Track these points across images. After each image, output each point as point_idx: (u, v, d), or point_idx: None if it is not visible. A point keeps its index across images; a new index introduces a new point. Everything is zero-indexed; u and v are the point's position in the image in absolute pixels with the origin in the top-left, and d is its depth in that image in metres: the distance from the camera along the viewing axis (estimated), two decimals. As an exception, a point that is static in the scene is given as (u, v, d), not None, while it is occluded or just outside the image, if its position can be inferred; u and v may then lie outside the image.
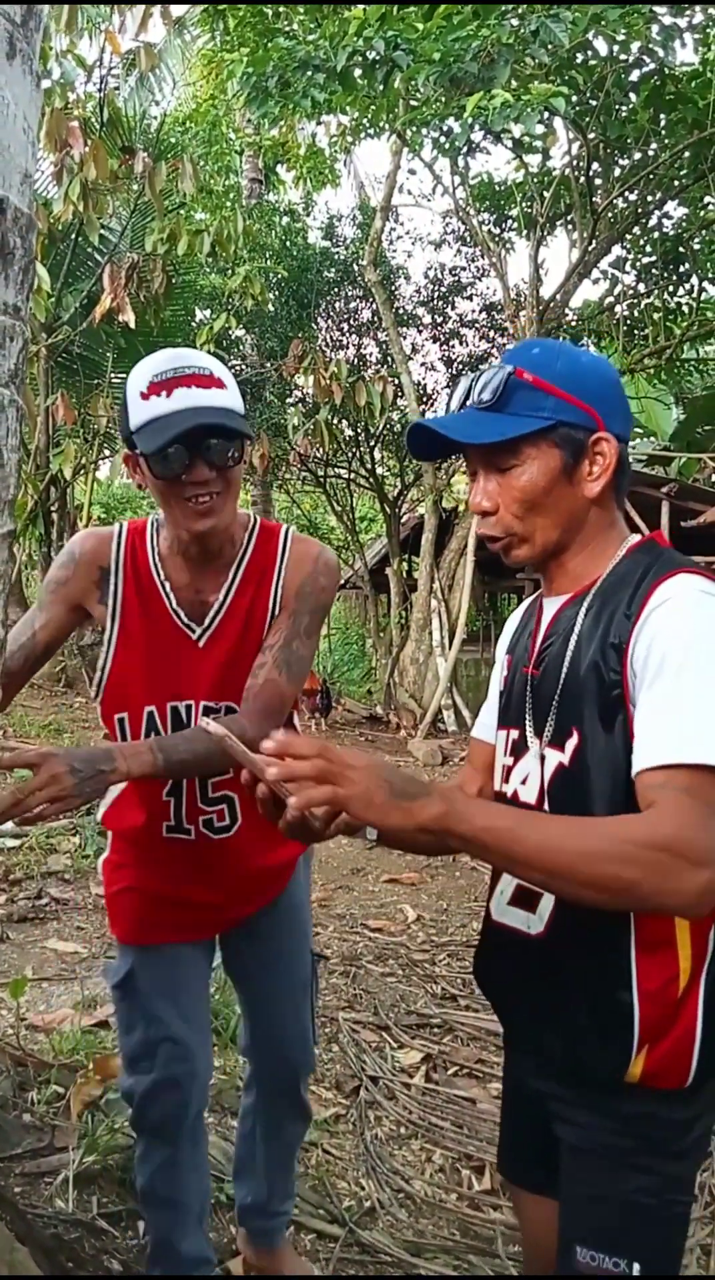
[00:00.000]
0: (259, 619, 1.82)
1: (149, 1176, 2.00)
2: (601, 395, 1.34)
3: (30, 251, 1.35)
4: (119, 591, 1.80)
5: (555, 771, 1.36)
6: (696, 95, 8.05)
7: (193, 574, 1.80)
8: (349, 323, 12.88)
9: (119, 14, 7.00)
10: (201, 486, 1.66)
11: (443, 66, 6.40)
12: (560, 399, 1.31)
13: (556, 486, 1.33)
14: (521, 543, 1.37)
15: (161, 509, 1.75)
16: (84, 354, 9.13)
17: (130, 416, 1.67)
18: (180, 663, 1.80)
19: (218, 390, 1.66)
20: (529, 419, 1.31)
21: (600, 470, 1.33)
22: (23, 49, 1.15)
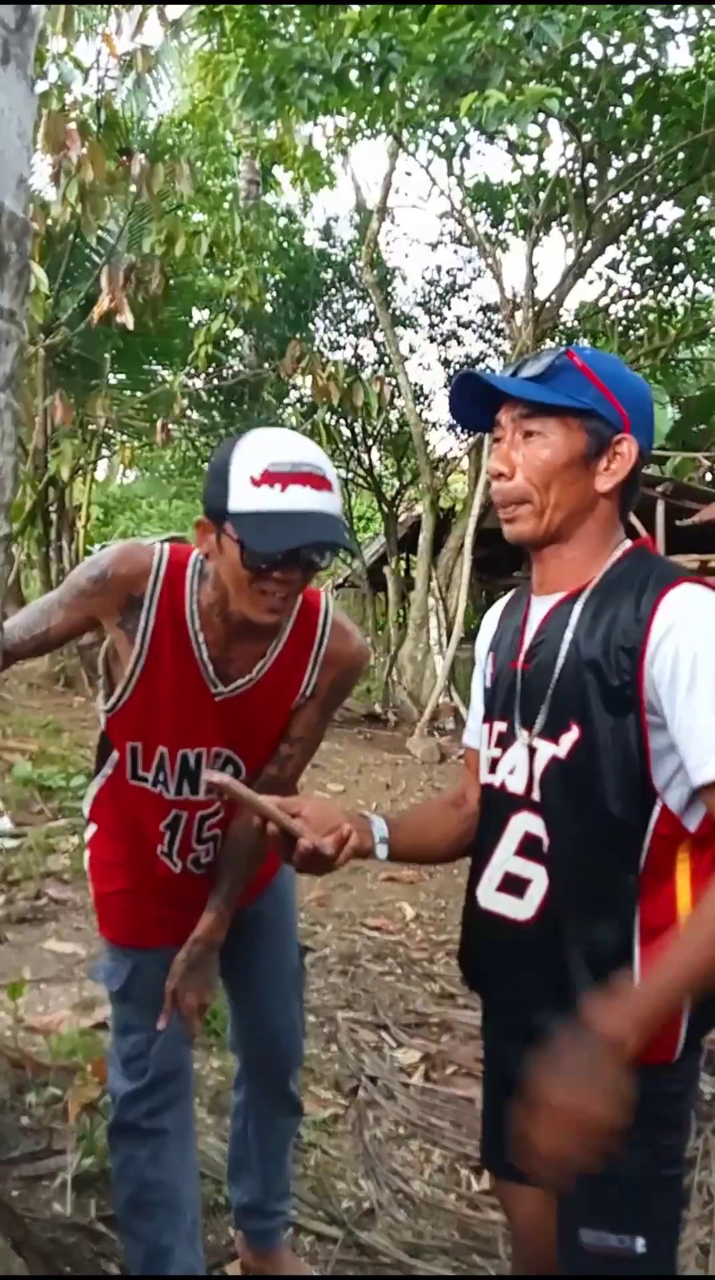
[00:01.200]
0: (288, 696, 1.83)
1: (136, 1182, 1.94)
2: (635, 405, 1.42)
3: (25, 256, 1.36)
4: (150, 628, 1.73)
5: (549, 763, 1.41)
6: (690, 97, 8.06)
7: (228, 638, 1.74)
8: (346, 324, 12.89)
9: (115, 16, 7.01)
10: (283, 587, 1.60)
11: (437, 68, 6.40)
12: (600, 392, 1.39)
13: (573, 468, 1.39)
14: (530, 515, 1.42)
15: (229, 584, 1.64)
16: (82, 355, 9.13)
17: (232, 494, 1.56)
18: (197, 712, 1.78)
19: (328, 495, 1.57)
20: (571, 397, 1.39)
21: (617, 468, 1.40)
22: (17, 54, 1.16)
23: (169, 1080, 1.93)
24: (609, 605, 1.38)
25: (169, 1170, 1.96)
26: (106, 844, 2.01)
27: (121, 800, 1.92)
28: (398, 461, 13.62)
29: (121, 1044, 1.96)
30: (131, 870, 1.96)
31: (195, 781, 1.82)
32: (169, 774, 1.81)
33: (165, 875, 1.92)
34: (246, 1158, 2.22)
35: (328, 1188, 2.61)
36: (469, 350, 12.84)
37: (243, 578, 1.60)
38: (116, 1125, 1.95)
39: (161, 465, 15.41)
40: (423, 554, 11.38)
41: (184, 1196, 1.99)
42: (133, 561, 1.74)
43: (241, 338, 12.28)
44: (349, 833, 1.41)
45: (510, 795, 1.47)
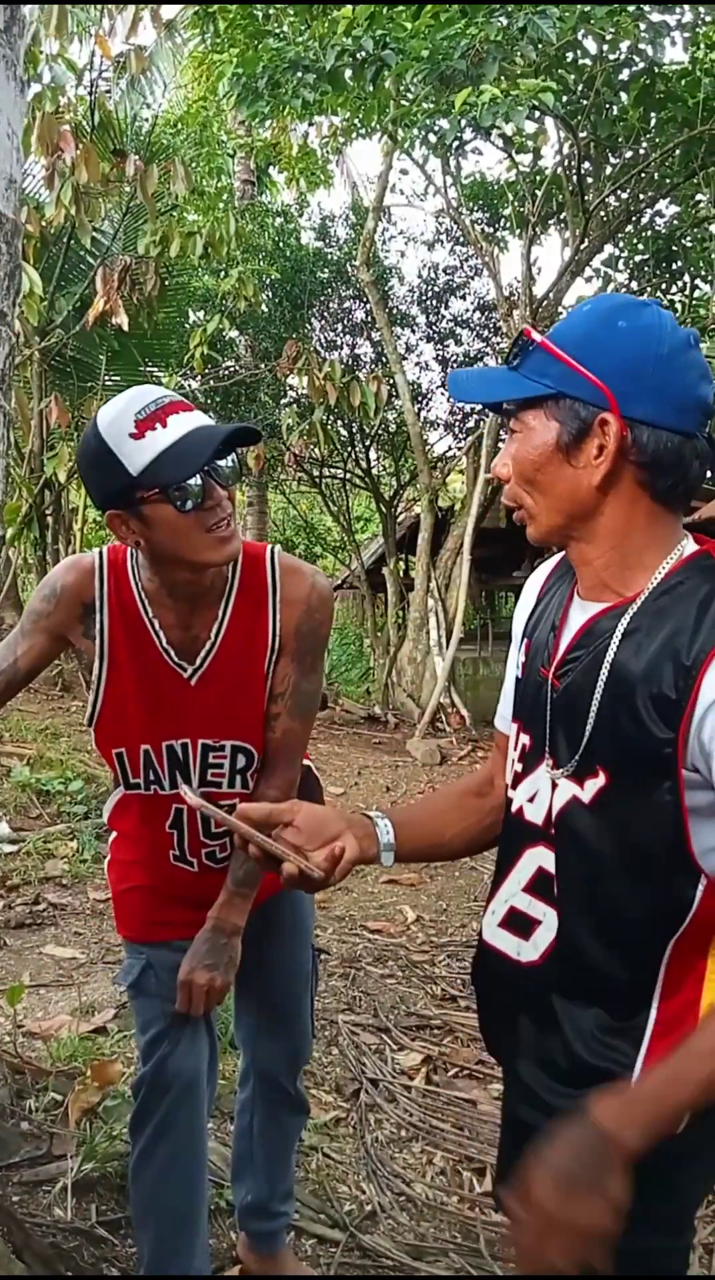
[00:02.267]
0: (258, 655, 1.80)
1: (151, 1181, 1.94)
2: (626, 370, 1.15)
3: (16, 257, 1.35)
4: (105, 629, 1.76)
5: (569, 803, 1.25)
6: (686, 94, 8.05)
7: (181, 611, 1.75)
8: (343, 323, 12.87)
9: (109, 18, 7.01)
10: (219, 511, 1.61)
11: (431, 64, 6.40)
12: (567, 368, 1.16)
13: (549, 464, 1.19)
14: (530, 518, 1.26)
15: (175, 548, 1.64)
16: (77, 357, 9.11)
17: (126, 462, 1.56)
18: (174, 702, 1.77)
19: (198, 413, 1.61)
20: (531, 382, 1.19)
21: (602, 455, 1.16)
22: (6, 55, 1.15)
23: (184, 1076, 1.92)
24: (657, 633, 1.16)
25: (184, 1174, 1.95)
26: (125, 845, 2.01)
27: (130, 810, 1.93)
28: (396, 461, 13.60)
29: (140, 1040, 1.97)
30: (149, 870, 1.96)
31: (187, 772, 1.81)
32: (160, 770, 1.81)
33: (186, 879, 1.92)
34: (250, 1155, 2.21)
35: (329, 1191, 2.60)
36: (467, 349, 12.82)
37: (186, 526, 1.60)
38: (134, 1116, 1.96)
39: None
40: (421, 554, 11.37)
41: (198, 1199, 2.00)
42: (78, 569, 1.78)
43: (237, 338, 12.26)
44: (341, 851, 1.25)
45: (527, 825, 1.30)
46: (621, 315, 1.18)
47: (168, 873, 1.93)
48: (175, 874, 1.92)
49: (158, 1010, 1.92)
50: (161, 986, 1.91)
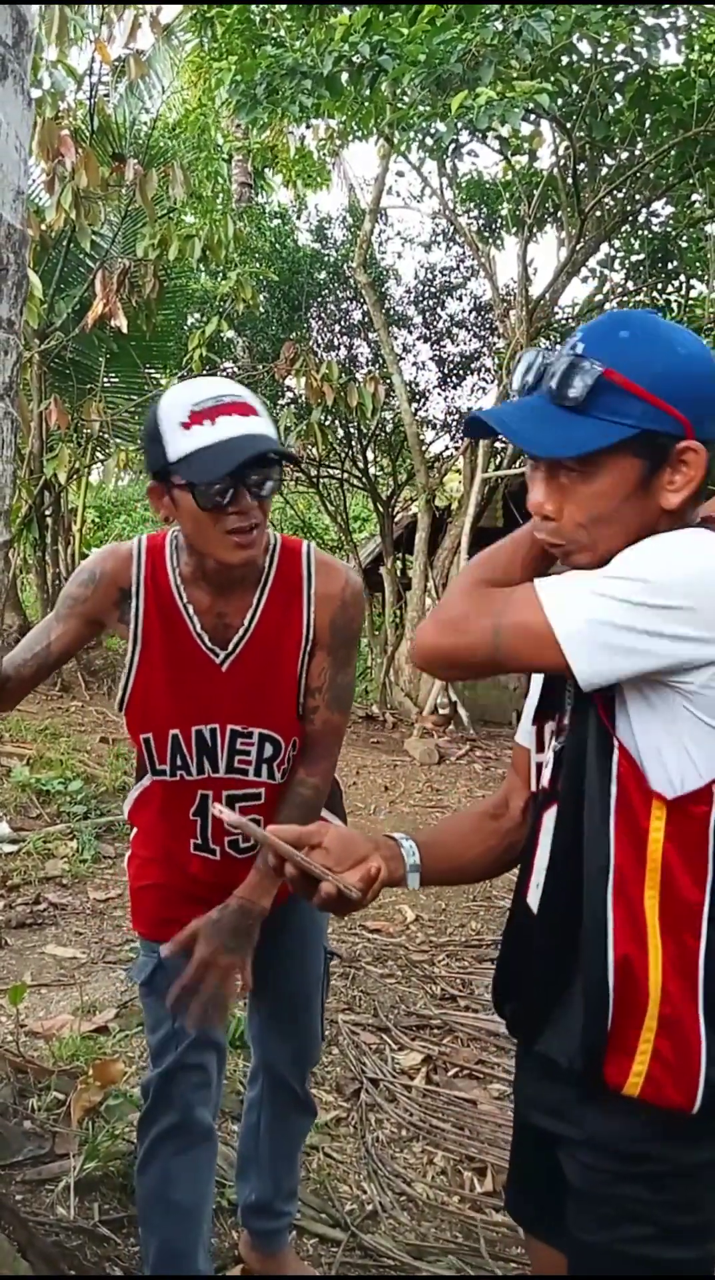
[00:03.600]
0: (290, 646, 1.83)
1: (158, 1180, 1.95)
2: (698, 396, 1.18)
3: (23, 267, 1.37)
4: (140, 614, 1.79)
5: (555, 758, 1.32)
6: (681, 96, 8.07)
7: (216, 597, 1.79)
8: (340, 324, 12.88)
9: (108, 23, 7.02)
10: (243, 518, 1.64)
11: (428, 69, 6.42)
12: (650, 404, 1.16)
13: (631, 499, 1.19)
14: (582, 550, 1.23)
15: (194, 539, 1.71)
16: (77, 359, 9.13)
17: (168, 447, 1.62)
18: (204, 686, 1.80)
19: (256, 418, 1.64)
20: (612, 425, 1.16)
21: (683, 481, 1.19)
22: (14, 70, 1.17)
23: (192, 1071, 1.93)
24: None
25: (193, 1170, 1.97)
26: (144, 841, 2.02)
27: (153, 801, 1.94)
28: (393, 461, 13.61)
29: (151, 1039, 1.99)
30: (167, 868, 1.97)
31: (214, 758, 1.83)
32: (188, 755, 1.82)
33: (205, 870, 1.91)
34: (256, 1153, 2.23)
35: (330, 1190, 2.62)
36: (463, 349, 12.83)
37: (204, 522, 1.64)
38: (143, 1115, 1.97)
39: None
40: (419, 554, 11.38)
41: (203, 1198, 2.01)
42: (115, 557, 1.82)
43: (235, 340, 12.28)
44: (377, 871, 1.28)
45: (543, 790, 1.35)
46: (675, 341, 1.20)
47: (186, 864, 1.92)
48: (193, 866, 1.92)
49: (163, 1012, 1.92)
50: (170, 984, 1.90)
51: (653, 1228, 1.20)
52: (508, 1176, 1.57)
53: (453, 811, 7.11)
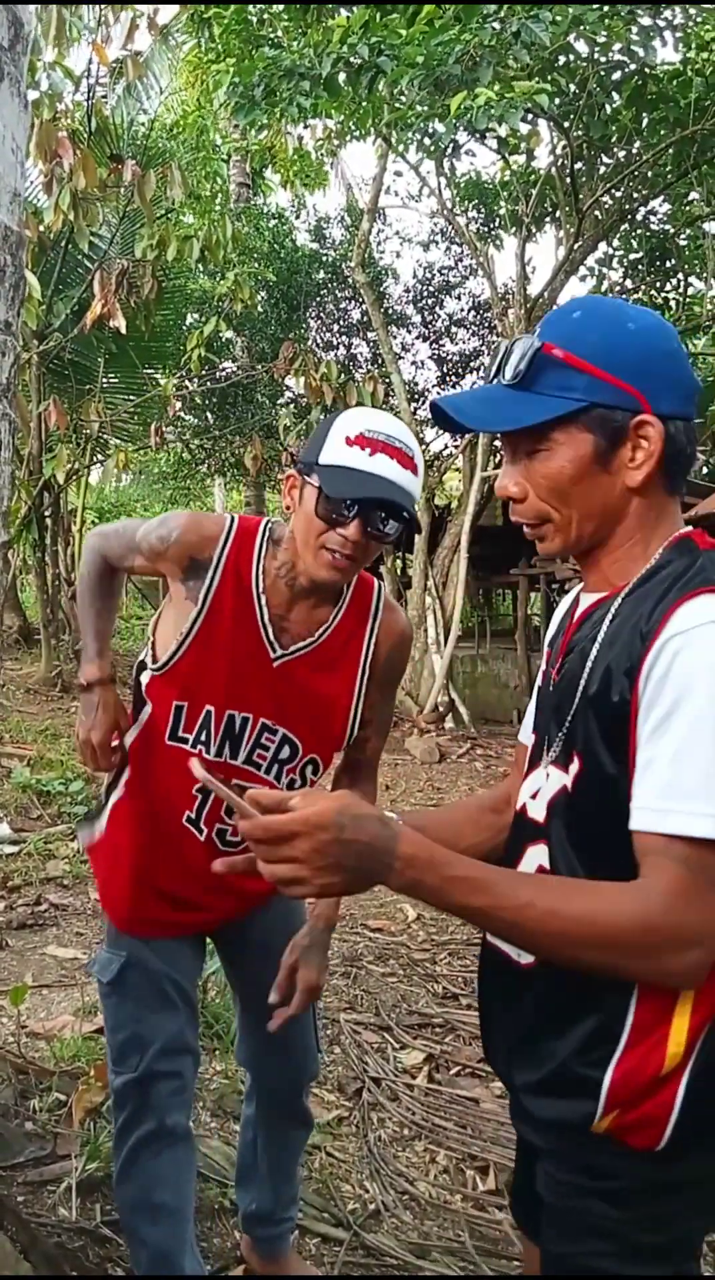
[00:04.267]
0: (346, 671, 1.88)
1: (141, 1183, 1.93)
2: (647, 370, 1.16)
3: (20, 268, 1.37)
4: (213, 588, 1.81)
5: (557, 794, 1.23)
6: (678, 94, 8.09)
7: (291, 602, 1.83)
8: (339, 324, 12.90)
9: (105, 24, 7.02)
10: (347, 545, 1.68)
11: (426, 70, 6.42)
12: (594, 377, 1.15)
13: (588, 475, 1.18)
14: (555, 533, 1.23)
15: (298, 538, 1.75)
16: (75, 360, 9.14)
17: (325, 449, 1.68)
18: (252, 675, 1.82)
19: (411, 474, 1.68)
20: (556, 400, 1.16)
21: (643, 457, 1.16)
22: (10, 72, 1.17)
23: (168, 1078, 1.91)
24: (632, 617, 1.15)
25: (174, 1171, 1.95)
26: (121, 822, 1.97)
27: (152, 761, 1.91)
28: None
29: (113, 1039, 1.94)
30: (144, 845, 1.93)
31: (237, 745, 1.84)
32: (213, 734, 1.83)
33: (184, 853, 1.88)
34: (255, 1168, 2.21)
35: (333, 1190, 2.62)
36: (462, 348, 12.85)
37: (314, 528, 1.70)
38: (121, 1125, 1.94)
39: (155, 469, 15.42)
40: (419, 552, 11.39)
41: (186, 1199, 2.00)
42: (199, 530, 1.84)
43: (234, 340, 12.29)
44: None
45: (529, 821, 1.28)
46: (626, 317, 1.19)
47: (169, 835, 1.89)
48: (176, 841, 1.89)
49: (130, 1013, 1.91)
50: (138, 985, 1.90)
51: (615, 1244, 1.18)
52: (512, 1177, 1.57)
53: (453, 810, 7.11)
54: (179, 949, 1.97)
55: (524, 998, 1.25)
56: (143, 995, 1.91)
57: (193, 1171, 2.04)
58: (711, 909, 1.04)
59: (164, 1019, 1.91)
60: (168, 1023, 1.91)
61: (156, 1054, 1.89)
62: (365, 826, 1.06)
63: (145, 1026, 1.90)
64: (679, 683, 1.06)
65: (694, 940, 1.04)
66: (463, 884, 1.08)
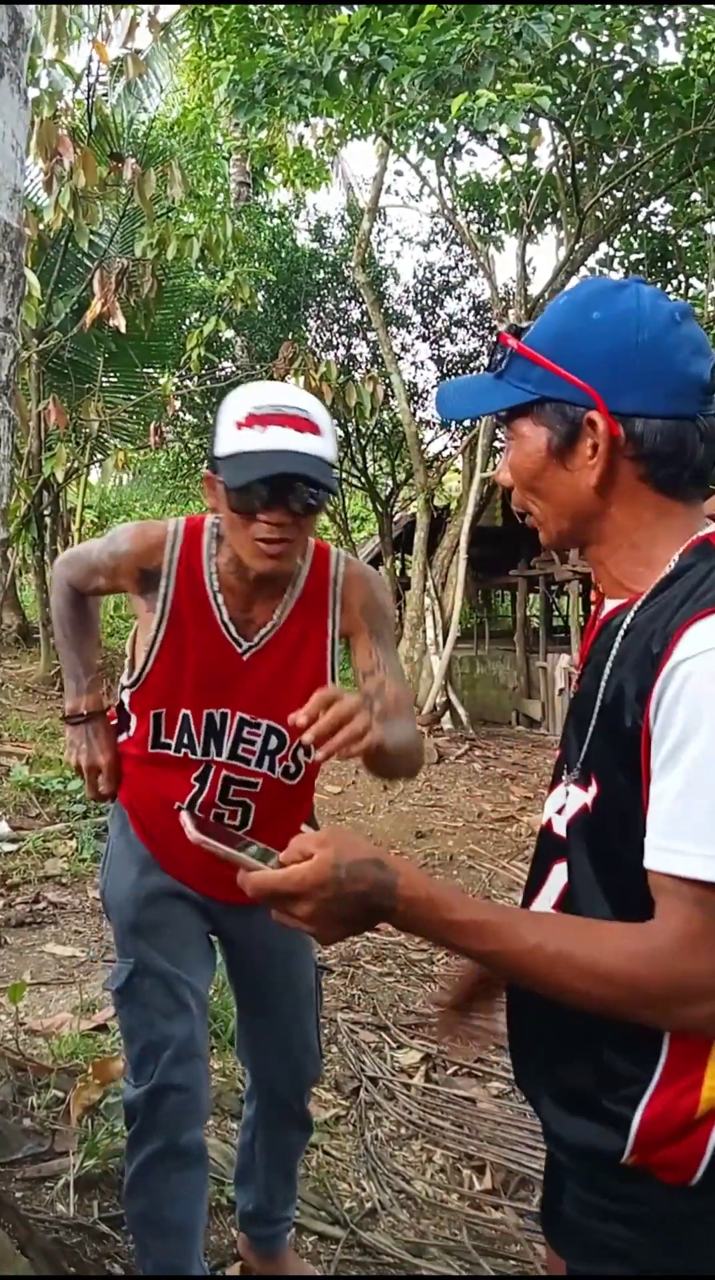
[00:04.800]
0: (315, 647, 1.84)
1: (150, 1199, 1.91)
2: (607, 363, 1.09)
3: (20, 265, 1.37)
4: (170, 596, 1.79)
5: (578, 813, 1.17)
6: (679, 94, 8.09)
7: (246, 591, 1.80)
8: (339, 324, 12.90)
9: (105, 22, 7.03)
10: (275, 529, 1.63)
11: (427, 69, 6.42)
12: (546, 370, 1.11)
13: (547, 470, 1.14)
14: (538, 525, 1.22)
15: (228, 533, 1.72)
16: (75, 359, 9.14)
17: (219, 442, 1.64)
18: (223, 673, 1.80)
19: (313, 436, 1.61)
20: (515, 390, 1.14)
21: (595, 456, 1.10)
22: (10, 68, 1.17)
23: (179, 1091, 1.87)
24: (646, 632, 1.07)
25: (185, 1190, 1.93)
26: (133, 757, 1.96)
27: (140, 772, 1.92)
28: (392, 461, 13.64)
29: (129, 1051, 1.92)
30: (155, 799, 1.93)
31: (220, 741, 1.83)
32: (195, 735, 1.82)
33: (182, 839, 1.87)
34: (253, 1168, 2.20)
35: (330, 1188, 2.62)
36: (462, 348, 12.85)
37: (237, 524, 1.65)
38: (133, 1136, 1.92)
39: (155, 468, 15.43)
40: (418, 553, 11.39)
41: (197, 1216, 1.97)
42: (143, 538, 1.82)
43: (234, 339, 12.29)
44: None
45: (554, 838, 1.21)
46: (595, 305, 1.12)
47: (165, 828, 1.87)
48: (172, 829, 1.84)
49: (142, 1019, 1.88)
50: (148, 993, 1.88)
51: (636, 1267, 1.13)
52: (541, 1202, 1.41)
53: (452, 811, 7.12)
54: (187, 951, 1.94)
55: (555, 1020, 1.16)
56: (153, 999, 1.88)
57: (204, 1189, 2.01)
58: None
59: (175, 1024, 1.87)
60: (179, 1027, 1.87)
61: (169, 1061, 1.86)
62: (363, 874, 1.04)
63: (157, 1033, 1.87)
64: (688, 712, 0.99)
65: (707, 990, 0.98)
66: (464, 928, 1.05)
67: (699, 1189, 1.09)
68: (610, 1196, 1.15)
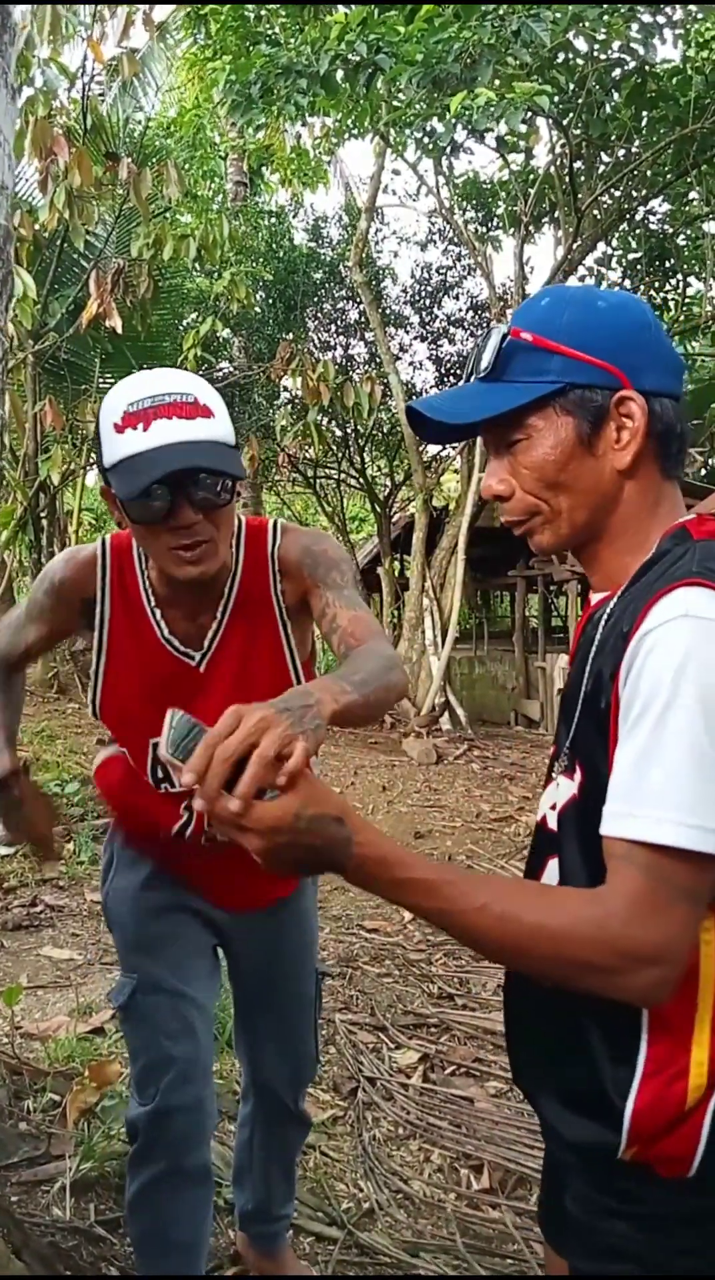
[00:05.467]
0: (267, 623, 1.70)
1: (153, 1220, 1.87)
2: (625, 344, 1.12)
3: (8, 263, 1.36)
4: (107, 620, 1.68)
5: (568, 803, 1.17)
6: (677, 92, 8.09)
7: (189, 601, 1.66)
8: (336, 324, 12.90)
9: (101, 21, 7.01)
10: (187, 533, 1.47)
11: (425, 68, 6.41)
12: (568, 357, 1.11)
13: (574, 460, 1.13)
14: (545, 525, 1.17)
15: (142, 546, 1.60)
16: (71, 360, 9.13)
17: (104, 452, 1.47)
18: (182, 690, 1.65)
19: (203, 420, 1.45)
20: (530, 385, 1.12)
21: (629, 436, 1.11)
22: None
23: (184, 1113, 1.82)
24: (628, 609, 1.09)
25: (189, 1211, 1.89)
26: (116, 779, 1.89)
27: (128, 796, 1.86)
28: (390, 462, 13.64)
29: (133, 1069, 1.88)
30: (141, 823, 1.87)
31: None
32: None
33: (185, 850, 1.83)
34: (251, 1167, 2.18)
35: (327, 1188, 2.61)
36: (460, 348, 12.84)
37: (147, 536, 1.50)
38: (135, 1155, 1.87)
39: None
40: (416, 554, 11.38)
41: (202, 1236, 1.94)
42: (77, 563, 1.70)
43: (231, 340, 12.28)
44: None
45: (548, 833, 1.22)
46: (595, 296, 1.15)
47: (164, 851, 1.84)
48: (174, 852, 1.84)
49: (145, 1037, 1.83)
50: (153, 1010, 1.83)
51: (641, 1267, 1.12)
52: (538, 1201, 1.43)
53: (450, 811, 7.11)
54: (192, 966, 1.90)
55: (547, 1013, 1.18)
56: (157, 1018, 1.82)
57: (209, 1208, 1.95)
58: (673, 924, 0.97)
59: (179, 1044, 1.81)
60: (183, 1047, 1.81)
61: (172, 1083, 1.79)
62: (321, 829, 1.01)
63: (160, 1053, 1.80)
64: (649, 681, 1.00)
65: (652, 957, 0.97)
66: (415, 886, 1.03)
67: (699, 1185, 1.09)
68: (612, 1194, 1.14)
